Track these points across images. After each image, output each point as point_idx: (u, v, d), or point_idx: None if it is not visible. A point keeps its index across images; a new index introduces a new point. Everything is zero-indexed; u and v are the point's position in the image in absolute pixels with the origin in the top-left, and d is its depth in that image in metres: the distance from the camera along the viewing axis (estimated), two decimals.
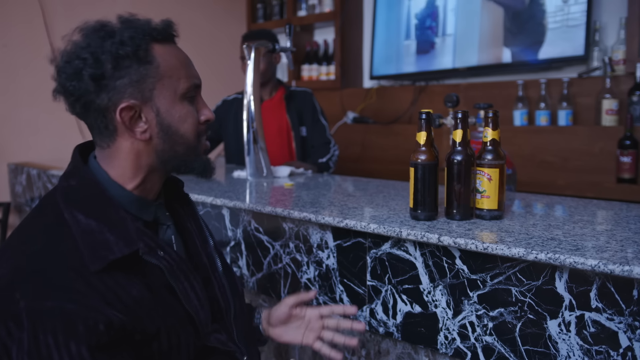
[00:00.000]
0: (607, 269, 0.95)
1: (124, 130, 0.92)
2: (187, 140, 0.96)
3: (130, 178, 0.95)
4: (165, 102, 0.93)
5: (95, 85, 0.89)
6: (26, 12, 3.28)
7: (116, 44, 0.89)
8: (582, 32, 2.66)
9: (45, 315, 0.79)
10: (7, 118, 3.25)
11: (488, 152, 1.30)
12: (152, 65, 0.92)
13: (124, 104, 0.90)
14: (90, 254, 0.84)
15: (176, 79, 0.94)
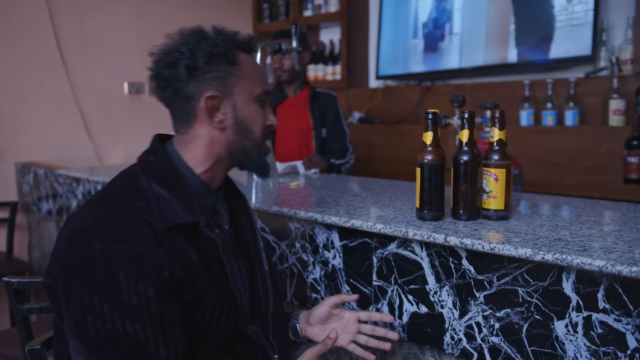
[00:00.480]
0: (614, 269, 0.94)
1: (204, 117, 1.06)
2: (255, 138, 1.11)
3: (201, 163, 1.08)
4: (242, 100, 1.08)
5: (188, 75, 1.04)
6: (33, 12, 3.30)
7: (210, 44, 1.04)
8: (589, 32, 2.65)
9: (119, 255, 0.90)
10: (14, 118, 3.27)
11: (495, 152, 1.30)
12: (237, 67, 1.07)
13: (209, 93, 1.04)
14: (160, 214, 0.97)
15: (253, 82, 1.09)
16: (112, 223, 0.94)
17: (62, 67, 3.41)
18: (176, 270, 0.94)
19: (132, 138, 3.75)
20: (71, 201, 2.70)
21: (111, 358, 0.90)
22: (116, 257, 0.90)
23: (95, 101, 3.57)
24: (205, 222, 1.02)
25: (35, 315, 2.68)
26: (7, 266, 3.02)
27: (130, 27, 3.69)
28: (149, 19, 3.76)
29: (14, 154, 3.31)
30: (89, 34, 3.52)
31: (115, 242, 0.91)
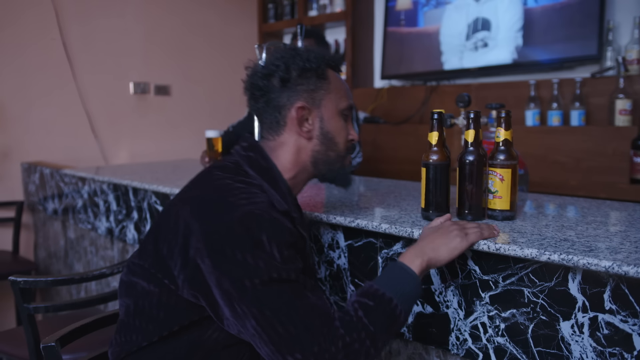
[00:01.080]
0: (621, 270, 0.94)
1: (293, 126, 1.16)
2: (338, 149, 1.20)
3: (288, 169, 1.18)
4: (328, 112, 1.18)
5: (281, 86, 1.15)
6: (39, 13, 3.31)
7: (303, 59, 1.15)
8: (595, 32, 2.64)
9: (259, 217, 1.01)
10: (20, 118, 3.28)
11: (500, 153, 1.30)
12: (325, 81, 1.17)
13: (300, 104, 1.15)
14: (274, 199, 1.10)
15: (339, 97, 1.19)
16: (241, 193, 1.05)
17: (68, 68, 3.43)
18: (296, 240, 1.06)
19: (138, 138, 3.76)
20: (77, 201, 2.71)
21: (278, 305, 0.97)
22: (256, 219, 1.00)
23: (100, 101, 3.59)
24: (298, 219, 1.15)
25: (41, 314, 2.69)
26: (13, 265, 3.03)
27: (136, 28, 3.70)
28: (154, 20, 3.77)
29: (20, 154, 3.32)
30: (95, 36, 3.53)
31: (252, 206, 1.02)
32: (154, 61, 3.80)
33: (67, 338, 1.25)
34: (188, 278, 1.04)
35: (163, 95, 3.88)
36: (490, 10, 3.05)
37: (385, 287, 1.04)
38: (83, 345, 1.48)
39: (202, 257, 1.00)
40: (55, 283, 1.66)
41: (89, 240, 2.73)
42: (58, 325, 1.88)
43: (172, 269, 1.06)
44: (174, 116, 3.92)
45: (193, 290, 1.04)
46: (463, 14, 3.18)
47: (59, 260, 3.09)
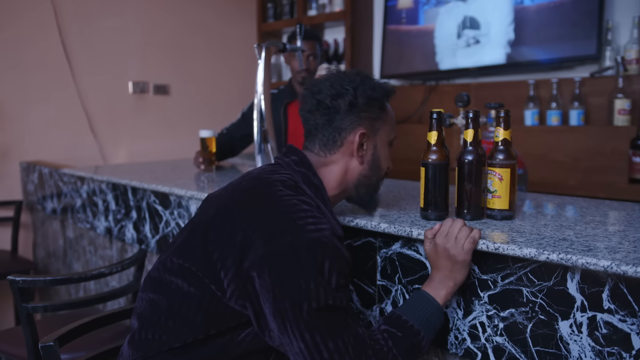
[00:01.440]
0: (619, 270, 0.94)
1: (348, 149, 1.21)
2: (380, 175, 1.27)
3: (333, 187, 1.23)
4: (382, 141, 1.25)
5: (347, 110, 1.20)
6: (38, 12, 3.31)
7: (371, 88, 1.21)
8: (594, 31, 2.64)
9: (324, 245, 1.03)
10: (19, 117, 3.28)
11: (499, 152, 1.30)
12: (384, 112, 1.25)
13: (362, 130, 1.21)
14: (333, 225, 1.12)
15: (391, 129, 1.27)
16: (307, 217, 1.07)
17: (67, 68, 3.43)
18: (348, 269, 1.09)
19: (137, 137, 3.76)
20: (76, 200, 2.70)
21: (328, 332, 1.01)
22: (322, 247, 1.03)
23: (99, 101, 3.58)
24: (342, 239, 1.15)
25: (40, 313, 2.69)
26: (11, 265, 3.03)
27: (135, 28, 3.70)
28: (153, 19, 3.77)
29: (19, 153, 3.32)
30: (94, 35, 3.53)
31: (318, 232, 1.04)
32: (153, 61, 3.80)
33: (65, 337, 1.25)
34: (239, 288, 1.05)
35: (162, 95, 3.88)
36: (490, 10, 3.05)
37: (413, 318, 1.12)
38: (82, 344, 1.48)
39: (261, 273, 1.02)
40: (54, 282, 1.66)
41: (87, 240, 2.73)
42: (57, 324, 1.88)
43: (222, 276, 1.06)
44: (173, 116, 3.91)
45: (242, 300, 1.06)
46: (459, 12, 3.18)
47: (57, 259, 3.09)
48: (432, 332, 1.13)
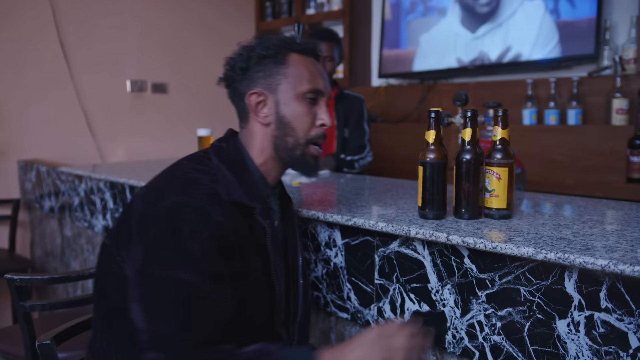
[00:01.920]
0: (617, 269, 0.94)
1: (252, 113, 1.16)
2: (296, 135, 1.16)
3: (257, 156, 1.17)
4: (286, 97, 1.15)
5: (241, 75, 1.16)
6: (37, 11, 3.30)
7: (263, 47, 1.15)
8: (592, 31, 2.65)
9: (187, 208, 1.00)
10: (17, 115, 3.27)
11: (497, 151, 1.30)
12: (283, 66, 1.15)
13: (253, 90, 1.15)
14: (225, 189, 1.07)
15: (299, 81, 1.15)
16: (183, 183, 1.06)
17: (65, 66, 3.42)
18: (231, 235, 1.03)
19: (135, 136, 3.75)
20: (73, 199, 2.70)
21: (170, 304, 0.97)
22: (184, 209, 1.00)
23: (97, 99, 3.58)
24: (260, 209, 1.11)
25: (37, 312, 2.68)
26: (9, 263, 3.02)
27: (133, 26, 3.69)
28: (151, 17, 3.76)
29: (16, 152, 3.31)
30: (92, 33, 3.52)
31: (184, 197, 1.02)
32: (151, 59, 3.80)
33: (63, 336, 1.25)
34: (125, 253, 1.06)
35: (160, 93, 3.87)
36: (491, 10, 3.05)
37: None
38: (79, 343, 1.48)
39: (131, 234, 1.03)
40: (51, 281, 1.66)
41: (85, 238, 2.72)
42: (54, 323, 1.87)
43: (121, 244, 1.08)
44: (171, 114, 3.91)
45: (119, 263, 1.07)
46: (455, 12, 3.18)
47: (55, 258, 3.08)
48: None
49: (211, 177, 1.08)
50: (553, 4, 2.79)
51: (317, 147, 1.19)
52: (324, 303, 1.51)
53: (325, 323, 1.55)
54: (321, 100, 1.19)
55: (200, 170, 1.09)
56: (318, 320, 1.57)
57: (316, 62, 1.20)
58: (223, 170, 1.11)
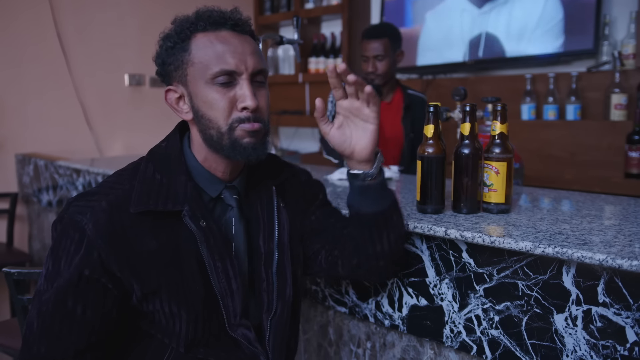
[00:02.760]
0: (615, 263, 0.94)
1: (176, 112, 1.07)
2: (216, 125, 1.02)
3: (198, 152, 1.07)
4: (195, 86, 1.02)
5: (163, 73, 1.07)
6: (34, 5, 3.29)
7: (167, 38, 1.04)
8: (591, 26, 2.64)
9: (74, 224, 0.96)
10: (14, 109, 3.26)
11: (496, 146, 1.30)
12: (186, 53, 1.02)
13: (167, 88, 1.06)
14: (138, 198, 0.99)
15: (205, 65, 1.01)
16: (87, 197, 0.99)
17: (63, 60, 3.41)
18: (111, 258, 0.96)
19: (133, 130, 3.74)
20: (71, 192, 2.70)
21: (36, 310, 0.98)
22: (71, 225, 0.96)
23: (95, 93, 3.57)
24: (189, 211, 1.01)
25: None
26: (7, 257, 3.02)
27: (131, 20, 3.68)
28: (149, 11, 3.75)
29: (14, 145, 3.30)
30: (90, 27, 3.51)
31: (78, 213, 0.97)
32: (149, 53, 3.71)
33: None
34: None
35: (158, 87, 3.86)
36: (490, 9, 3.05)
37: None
38: None
39: None
40: None
41: None
42: None
43: None
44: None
45: None
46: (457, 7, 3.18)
47: None
48: None
49: (127, 185, 1.01)
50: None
51: (245, 125, 1.02)
52: (322, 297, 1.51)
53: (323, 317, 1.55)
54: (240, 80, 1.02)
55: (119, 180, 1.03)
56: (316, 314, 1.57)
57: (231, 34, 1.04)
58: (149, 173, 1.03)
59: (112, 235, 0.96)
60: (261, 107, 1.04)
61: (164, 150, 1.08)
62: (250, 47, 1.05)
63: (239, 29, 1.05)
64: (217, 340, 1.07)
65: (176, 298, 1.01)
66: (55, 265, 0.97)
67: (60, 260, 0.97)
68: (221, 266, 1.03)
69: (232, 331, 1.06)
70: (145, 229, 0.99)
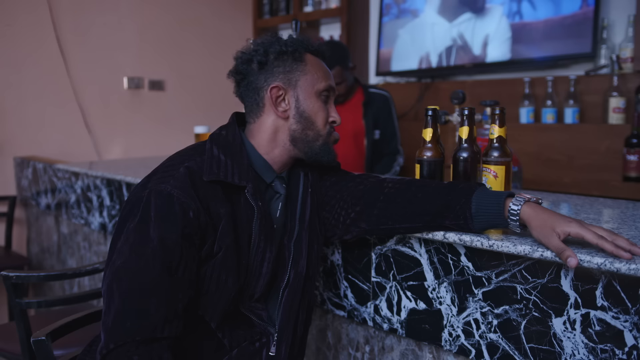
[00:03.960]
0: (613, 267, 0.94)
1: (270, 107, 1.20)
2: (317, 128, 1.21)
3: (264, 146, 1.21)
4: (304, 93, 1.20)
5: (259, 69, 1.19)
6: (33, 7, 3.29)
7: (282, 44, 1.19)
8: (589, 30, 2.65)
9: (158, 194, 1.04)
10: (13, 112, 3.26)
11: (494, 150, 1.30)
12: (301, 63, 1.20)
13: (275, 84, 1.18)
14: (209, 169, 1.10)
15: (316, 78, 1.21)
16: (165, 171, 1.10)
17: (62, 63, 3.41)
18: (201, 215, 1.06)
19: (132, 133, 3.74)
20: (70, 196, 2.69)
21: (125, 288, 1.02)
22: (155, 195, 1.04)
23: (94, 96, 3.57)
24: (251, 189, 1.13)
25: (34, 309, 2.68)
26: (5, 260, 3.02)
27: (130, 23, 3.68)
28: (148, 14, 3.75)
29: (13, 148, 3.30)
30: (89, 30, 3.51)
31: (160, 183, 1.06)
32: (148, 56, 3.79)
33: (58, 332, 1.25)
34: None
35: (157, 90, 3.87)
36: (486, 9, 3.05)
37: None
38: (75, 340, 1.48)
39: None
40: (47, 278, 1.66)
41: (82, 236, 2.72)
42: (51, 320, 1.87)
43: None
44: (168, 111, 3.90)
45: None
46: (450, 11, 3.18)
47: (52, 255, 3.08)
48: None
49: (198, 158, 1.12)
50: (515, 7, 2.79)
51: (335, 134, 1.26)
52: (321, 300, 1.51)
53: (322, 320, 1.55)
54: (332, 99, 1.25)
55: (189, 155, 1.14)
56: (315, 318, 1.57)
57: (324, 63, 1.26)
58: (215, 153, 1.14)
59: (197, 195, 1.06)
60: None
61: (225, 137, 1.19)
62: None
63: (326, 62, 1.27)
64: (236, 317, 1.18)
65: (227, 266, 1.10)
66: (144, 234, 1.02)
67: (149, 229, 1.02)
68: (262, 246, 1.15)
69: (243, 306, 1.18)
70: (217, 195, 1.10)
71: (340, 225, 1.27)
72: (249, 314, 1.19)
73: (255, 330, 1.19)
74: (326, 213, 1.30)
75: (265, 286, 1.18)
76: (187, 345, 1.14)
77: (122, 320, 1.00)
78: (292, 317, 1.22)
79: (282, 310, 1.21)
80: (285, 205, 1.25)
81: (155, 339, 1.02)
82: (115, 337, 1.00)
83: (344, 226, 1.27)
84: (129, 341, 1.00)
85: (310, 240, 1.25)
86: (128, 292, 1.01)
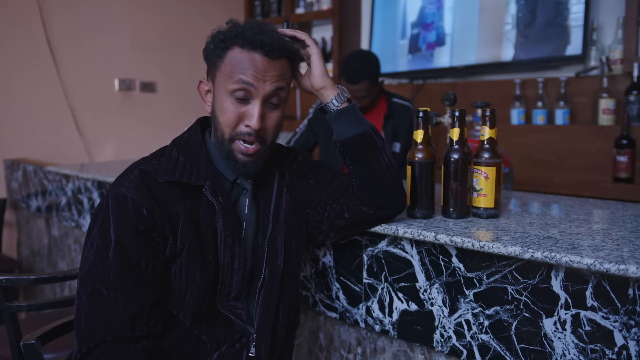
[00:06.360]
0: (603, 267, 0.95)
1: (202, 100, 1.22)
2: (222, 129, 1.16)
3: (216, 140, 1.18)
4: (219, 91, 1.15)
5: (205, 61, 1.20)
6: (23, 8, 3.27)
7: (213, 38, 1.16)
8: (579, 32, 2.67)
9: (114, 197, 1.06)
10: (3, 114, 3.24)
11: (485, 151, 1.30)
12: (220, 60, 1.14)
13: (201, 79, 1.21)
14: (165, 170, 1.11)
15: (229, 77, 1.13)
16: (122, 175, 1.11)
17: (52, 64, 3.39)
18: (156, 213, 1.07)
19: (123, 135, 3.73)
20: (60, 198, 2.68)
21: (91, 291, 1.04)
22: (112, 198, 1.07)
23: (85, 98, 3.55)
24: (210, 187, 1.13)
25: (24, 313, 2.66)
26: None
27: (121, 24, 3.67)
28: (140, 15, 3.74)
29: (2, 151, 3.28)
30: (79, 31, 3.50)
31: (116, 187, 1.08)
32: (139, 58, 3.77)
33: (48, 336, 1.24)
34: None
35: (149, 92, 3.85)
36: (475, 9, 3.06)
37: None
38: (65, 344, 1.47)
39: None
40: (38, 281, 1.65)
41: (73, 238, 2.70)
42: (41, 324, 1.86)
43: None
44: (160, 113, 3.89)
45: None
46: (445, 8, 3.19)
47: (42, 258, 3.06)
48: None
49: (155, 161, 1.14)
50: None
51: (243, 144, 1.14)
52: (313, 302, 1.51)
53: (314, 322, 1.55)
54: (254, 101, 1.12)
55: (146, 159, 1.16)
56: (307, 320, 1.57)
57: (262, 58, 1.11)
58: (174, 155, 1.15)
59: (151, 194, 1.08)
60: (266, 128, 1.16)
61: (186, 139, 1.20)
62: (276, 71, 1.14)
63: (272, 55, 1.12)
64: (215, 316, 1.17)
65: (193, 262, 1.10)
66: (105, 237, 1.05)
67: (109, 231, 1.05)
68: (230, 242, 1.14)
69: (221, 305, 1.16)
70: (174, 195, 1.10)
71: (325, 220, 1.26)
72: (227, 313, 1.17)
73: (235, 329, 1.18)
74: (311, 210, 1.29)
75: (241, 283, 1.17)
76: (168, 346, 1.14)
77: (92, 323, 1.02)
78: (269, 316, 1.19)
79: (259, 310, 1.19)
80: (253, 201, 1.23)
81: (126, 338, 1.03)
82: (86, 341, 1.02)
83: (328, 221, 1.26)
84: (99, 342, 1.02)
85: (287, 239, 1.23)
86: (94, 294, 1.03)
